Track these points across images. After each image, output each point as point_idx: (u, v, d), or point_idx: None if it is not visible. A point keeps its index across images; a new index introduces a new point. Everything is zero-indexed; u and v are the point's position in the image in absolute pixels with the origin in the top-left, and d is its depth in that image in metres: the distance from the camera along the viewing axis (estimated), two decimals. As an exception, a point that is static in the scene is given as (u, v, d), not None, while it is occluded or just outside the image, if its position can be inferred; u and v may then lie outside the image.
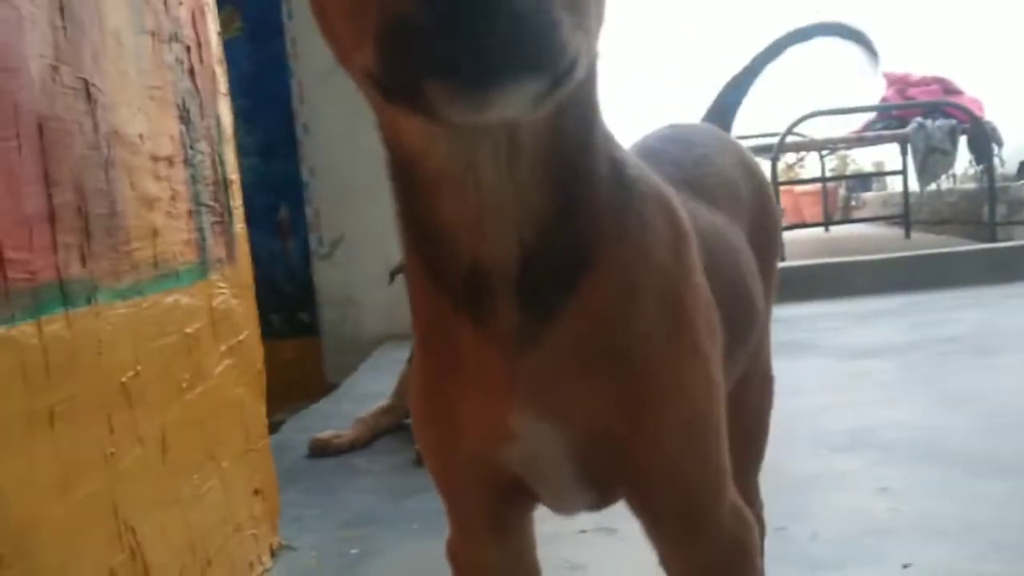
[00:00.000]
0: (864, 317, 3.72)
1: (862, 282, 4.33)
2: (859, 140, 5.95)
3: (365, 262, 3.95)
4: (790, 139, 5.76)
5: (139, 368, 1.18)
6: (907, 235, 6.75)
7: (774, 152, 5.43)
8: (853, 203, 8.56)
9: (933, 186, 5.59)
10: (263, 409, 1.74)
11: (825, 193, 7.76)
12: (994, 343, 3.08)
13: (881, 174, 7.75)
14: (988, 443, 2.03)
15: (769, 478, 1.94)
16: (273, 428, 3.60)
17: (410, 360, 2.53)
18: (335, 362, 4.03)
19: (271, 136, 4.22)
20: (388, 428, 2.47)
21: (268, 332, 4.32)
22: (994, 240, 5.41)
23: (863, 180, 8.41)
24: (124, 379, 1.14)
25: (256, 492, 1.68)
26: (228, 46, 4.22)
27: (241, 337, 1.62)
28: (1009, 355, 2.88)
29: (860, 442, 2.10)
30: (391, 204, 2.51)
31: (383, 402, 2.52)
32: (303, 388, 4.17)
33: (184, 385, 1.34)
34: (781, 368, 2.84)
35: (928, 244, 6.39)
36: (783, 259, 5.33)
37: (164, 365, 1.27)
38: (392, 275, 2.53)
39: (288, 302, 4.36)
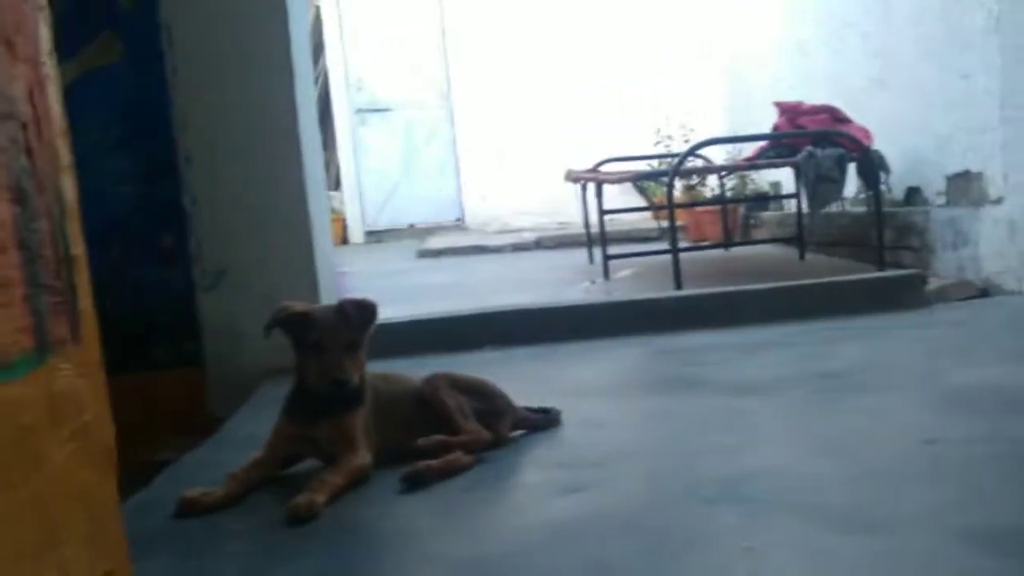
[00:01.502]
0: (752, 349, 3.76)
1: (753, 311, 4.38)
2: (751, 166, 6.05)
3: (249, 294, 3.86)
4: (693, 163, 5.84)
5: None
6: (801, 256, 6.91)
7: (670, 176, 5.49)
8: (752, 222, 8.72)
9: (823, 211, 5.71)
10: (113, 488, 1.65)
11: (725, 213, 7.88)
12: (872, 380, 3.14)
13: (777, 197, 7.90)
14: (856, 496, 2.06)
15: (637, 535, 1.95)
16: (155, 468, 3.50)
17: (283, 412, 2.47)
18: (220, 394, 3.92)
19: (152, 162, 4.09)
20: (260, 482, 2.39)
21: (151, 364, 4.22)
22: (882, 263, 5.55)
23: (758, 201, 8.56)
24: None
25: (106, 575, 1.60)
26: (108, 70, 4.15)
27: (86, 418, 1.54)
28: (885, 394, 2.94)
29: (730, 494, 2.11)
30: (272, 240, 2.49)
31: (255, 454, 2.44)
32: (189, 420, 4.06)
33: (17, 481, 1.26)
34: (664, 407, 2.86)
35: (820, 265, 6.54)
36: (679, 288, 5.39)
37: (-13, 463, 1.19)
38: (267, 329, 2.46)
39: (172, 332, 4.23)
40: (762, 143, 6.16)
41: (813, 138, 5.73)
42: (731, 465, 2.30)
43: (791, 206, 8.25)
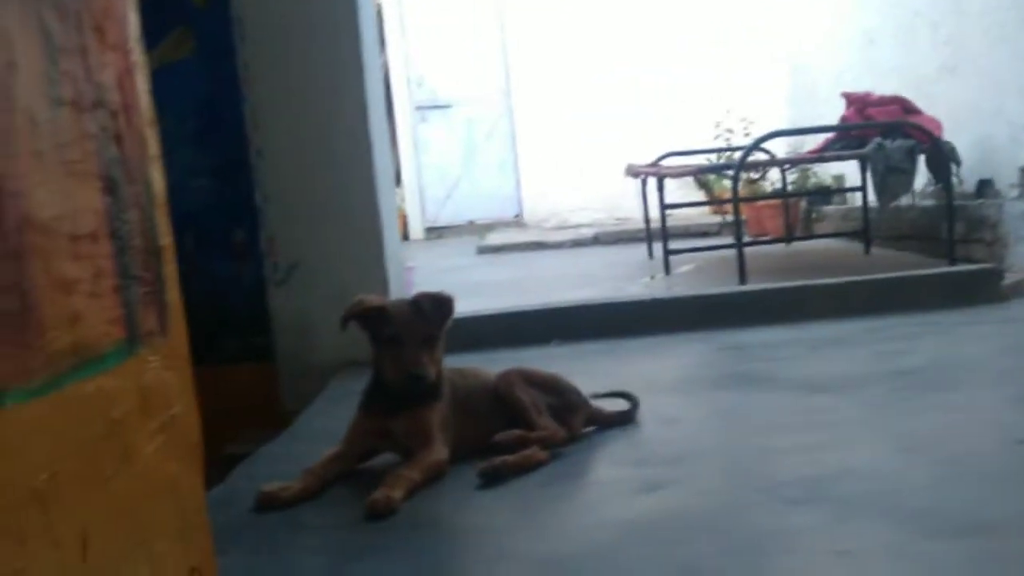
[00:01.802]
0: (822, 345, 3.70)
1: (821, 306, 4.31)
2: (818, 159, 5.95)
3: (320, 289, 3.89)
4: (756, 157, 5.76)
5: (55, 468, 1.11)
6: (867, 251, 6.79)
7: (735, 170, 5.43)
8: (814, 216, 8.59)
9: (892, 204, 5.60)
10: (200, 482, 1.67)
11: (787, 207, 7.77)
12: (952, 377, 3.07)
13: (841, 190, 7.77)
14: (951, 498, 2.01)
15: (720, 536, 1.92)
16: (225, 463, 3.54)
17: (360, 407, 2.48)
18: (291, 388, 3.96)
19: (224, 158, 4.14)
20: (338, 476, 2.40)
21: (222, 357, 4.27)
22: (952, 257, 5.44)
23: (824, 194, 8.43)
24: (36, 483, 1.08)
25: (193, 571, 1.61)
26: (180, 66, 4.20)
27: (174, 411, 1.56)
28: (967, 390, 2.88)
29: (816, 495, 2.07)
30: (342, 235, 2.45)
31: (333, 449, 2.45)
32: (259, 414, 4.10)
33: (109, 474, 1.28)
34: (736, 403, 2.82)
35: (887, 260, 6.42)
36: (744, 282, 5.32)
37: (86, 458, 1.21)
38: (343, 322, 2.47)
39: (243, 326, 4.27)
40: (828, 135, 6.06)
41: (882, 129, 5.63)
42: (813, 465, 2.26)
43: (855, 200, 8.13)
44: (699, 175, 6.78)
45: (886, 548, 1.79)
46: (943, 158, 5.44)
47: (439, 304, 2.48)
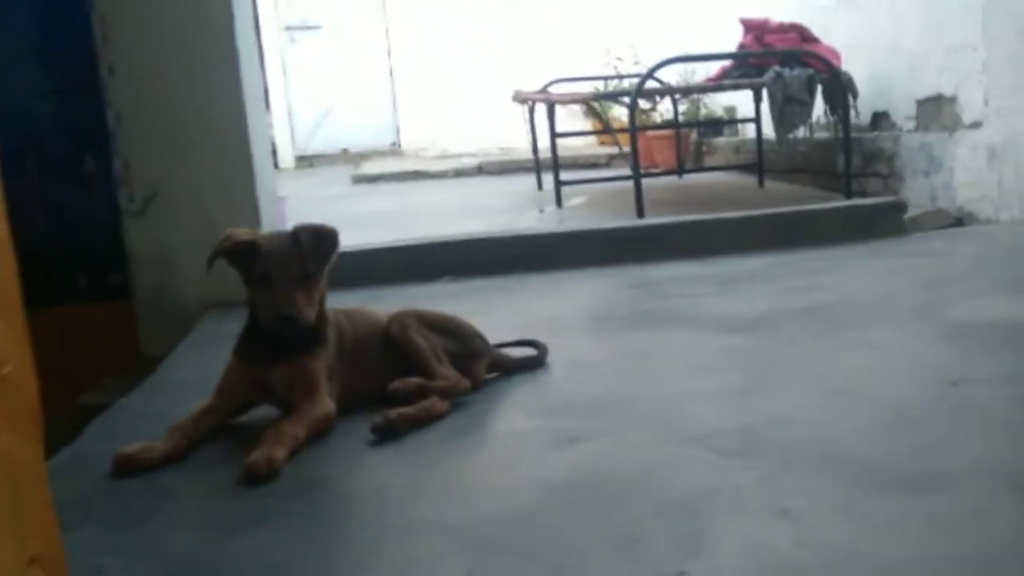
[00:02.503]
0: (730, 281, 3.53)
1: (724, 240, 4.14)
2: (717, 87, 5.77)
3: (182, 221, 3.50)
4: (647, 85, 5.53)
5: None
6: (760, 183, 6.69)
7: (632, 97, 5.19)
8: (704, 148, 8.47)
9: (791, 136, 5.47)
10: (39, 454, 1.33)
11: (679, 138, 7.62)
12: (867, 314, 2.92)
13: (735, 121, 7.65)
14: (891, 448, 1.83)
15: (652, 495, 1.69)
16: (79, 416, 3.16)
17: (234, 353, 2.15)
18: (152, 332, 3.58)
19: (70, 75, 3.67)
20: (208, 433, 2.08)
21: (75, 296, 3.84)
22: (849, 191, 5.35)
23: (714, 125, 8.31)
24: None
25: (32, 561, 1.29)
26: (22, -28, 3.68)
27: (5, 371, 1.21)
28: (884, 328, 2.72)
29: (750, 446, 1.86)
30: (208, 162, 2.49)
31: (203, 402, 2.12)
32: (115, 359, 3.70)
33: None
34: (651, 344, 2.59)
35: (782, 193, 6.33)
36: (642, 216, 5.13)
37: None
38: (210, 260, 2.14)
39: (96, 262, 3.85)
40: (725, 63, 5.88)
41: (781, 58, 5.46)
42: (742, 411, 2.06)
43: (747, 131, 8.03)
44: (591, 102, 6.51)
45: (832, 506, 1.59)
46: (841, 89, 5.31)
47: (320, 238, 2.16)
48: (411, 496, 1.76)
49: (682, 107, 7.94)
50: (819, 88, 5.47)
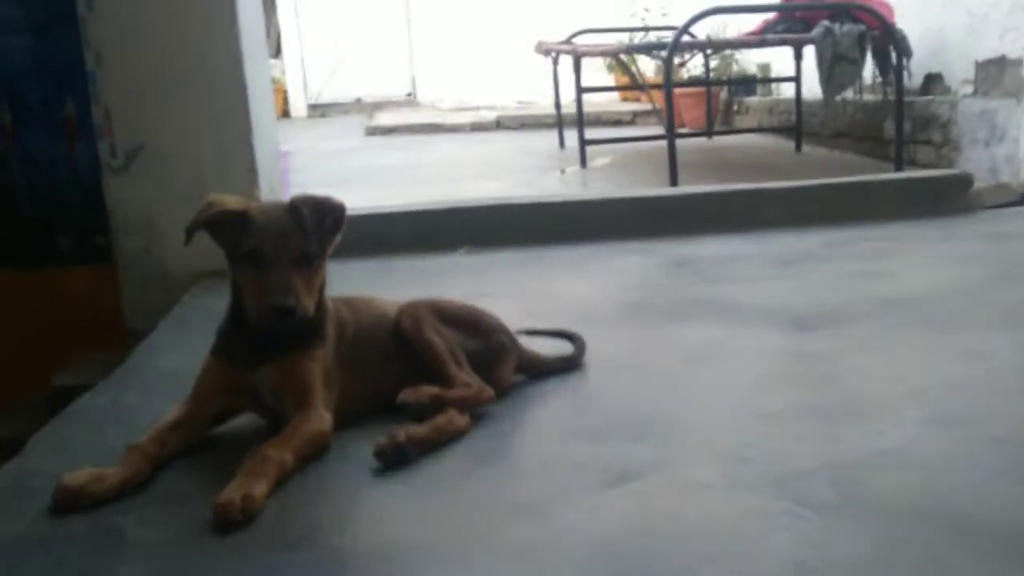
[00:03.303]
0: (783, 262, 3.13)
1: (774, 213, 3.73)
2: (760, 42, 5.32)
3: (170, 178, 3.11)
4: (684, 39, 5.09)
5: None
6: (798, 148, 6.28)
7: (669, 50, 4.75)
8: (735, 108, 8.02)
9: (838, 97, 5.03)
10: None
11: (709, 97, 7.17)
12: (952, 310, 2.51)
13: (772, 80, 7.19)
14: (1017, 502, 1.44)
15: (737, 565, 1.32)
16: (55, 398, 2.78)
17: (213, 351, 1.77)
18: (136, 303, 3.20)
19: (46, 11, 3.27)
20: (178, 451, 1.71)
21: (56, 258, 3.46)
22: (900, 160, 4.93)
23: (749, 83, 7.85)
24: None
25: None
26: None
27: None
28: (981, 331, 2.32)
29: (851, 497, 1.47)
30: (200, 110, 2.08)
31: (173, 411, 1.75)
32: (100, 330, 3.34)
33: None
34: (704, 343, 2.19)
35: (823, 160, 5.91)
36: (675, 182, 4.72)
37: None
38: (188, 232, 1.76)
39: (79, 221, 3.47)
40: (767, 17, 5.42)
41: (830, 12, 5.01)
42: (829, 444, 1.67)
43: (780, 91, 7.59)
44: (621, 55, 6.07)
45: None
46: (897, 47, 4.86)
47: (324, 212, 1.77)
48: (420, 558, 1.38)
49: (712, 63, 7.48)
50: (869, 46, 5.02)
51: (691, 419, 1.80)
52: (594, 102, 8.39)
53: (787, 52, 6.25)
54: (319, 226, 1.75)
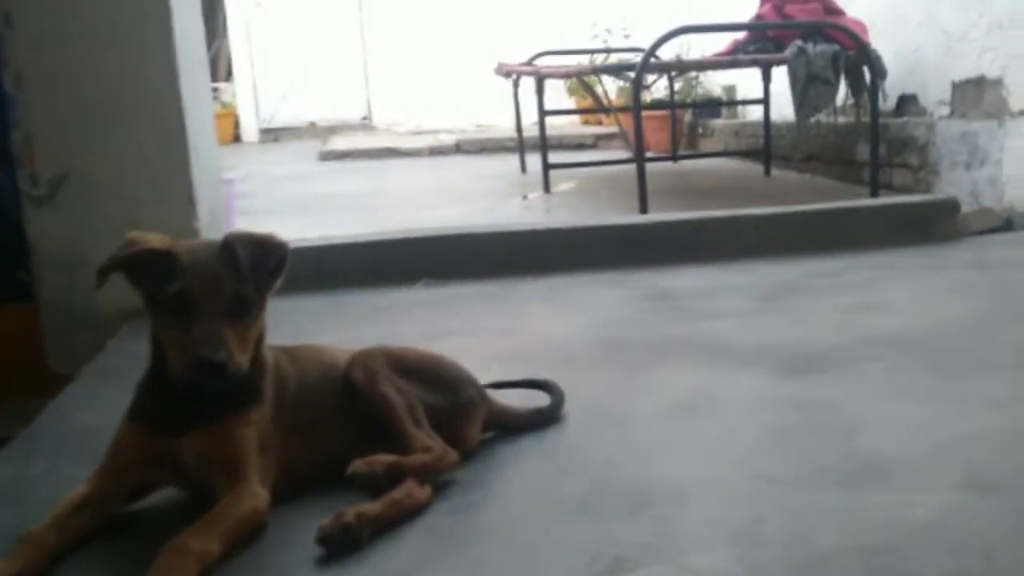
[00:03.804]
0: (768, 296, 2.91)
1: (752, 241, 3.53)
2: (731, 63, 5.14)
3: (99, 209, 2.84)
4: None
5: None
6: (767, 172, 6.11)
7: (638, 71, 4.54)
8: (700, 131, 7.85)
9: (812, 119, 4.85)
10: None
11: (674, 119, 6.99)
12: (958, 350, 2.29)
13: (741, 102, 7.03)
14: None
15: None
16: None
17: (129, 414, 1.51)
18: (60, 345, 2.91)
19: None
20: (82, 536, 1.43)
21: (-28, 296, 3.12)
22: (875, 184, 4.75)
23: (716, 106, 7.69)
24: None
25: None
26: None
27: None
28: (993, 377, 2.09)
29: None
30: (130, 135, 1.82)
31: (81, 487, 1.47)
32: (26, 377, 3.03)
33: None
34: (694, 390, 1.94)
35: (795, 184, 5.73)
36: (645, 208, 4.50)
37: None
38: (102, 274, 1.49)
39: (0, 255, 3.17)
40: (738, 36, 5.24)
41: (803, 31, 4.84)
42: (854, 517, 1.43)
43: (747, 113, 7.45)
44: (583, 78, 5.86)
45: None
46: (872, 67, 4.70)
47: (263, 252, 1.51)
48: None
49: (676, 85, 7.31)
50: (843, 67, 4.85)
51: (691, 486, 1.55)
52: (555, 125, 8.19)
53: (754, 73, 6.09)
54: (258, 268, 1.49)
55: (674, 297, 2.96)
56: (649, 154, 6.83)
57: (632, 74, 4.53)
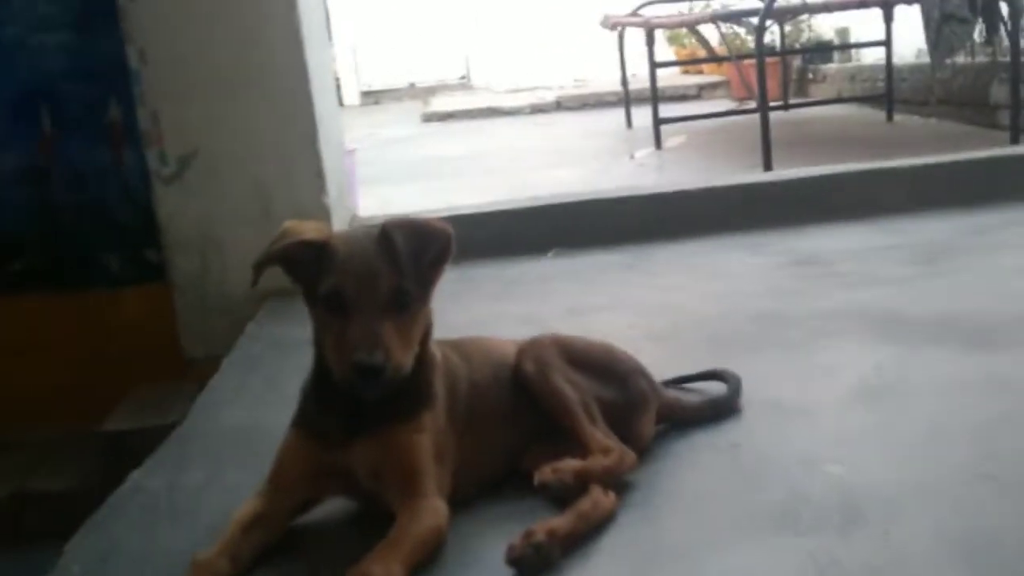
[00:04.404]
0: (926, 258, 2.72)
1: (894, 198, 3.31)
2: (860, 4, 4.86)
3: (228, 186, 2.80)
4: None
5: None
6: (889, 117, 5.82)
7: (761, 18, 4.31)
8: (811, 77, 7.53)
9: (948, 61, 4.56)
10: None
11: (785, 66, 6.71)
12: None
13: (862, 45, 6.70)
14: None
15: None
16: (108, 447, 2.47)
17: (294, 423, 1.43)
18: (194, 328, 2.88)
19: (86, 4, 2.95)
20: (254, 560, 1.35)
21: (105, 279, 3.15)
22: (1016, 130, 4.46)
23: (824, 51, 7.37)
24: None
25: None
26: None
27: None
28: None
29: None
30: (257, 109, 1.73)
31: (247, 504, 1.39)
32: (157, 361, 3.02)
33: None
34: (871, 368, 1.76)
35: (918, 129, 5.45)
36: (769, 164, 4.31)
37: None
38: (257, 268, 1.41)
39: (129, 236, 3.16)
40: (862, -24, 4.95)
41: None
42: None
43: (860, 57, 7.13)
44: (695, 27, 5.63)
45: None
46: (1008, 2, 4.39)
47: (424, 240, 1.40)
48: None
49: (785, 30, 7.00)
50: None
51: (907, 492, 1.40)
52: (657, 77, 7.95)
53: (869, 15, 5.79)
54: (418, 258, 1.38)
55: (821, 262, 2.78)
56: (752, 104, 6.58)
57: (754, 20, 4.30)
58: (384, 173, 5.24)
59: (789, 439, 1.62)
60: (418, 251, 1.38)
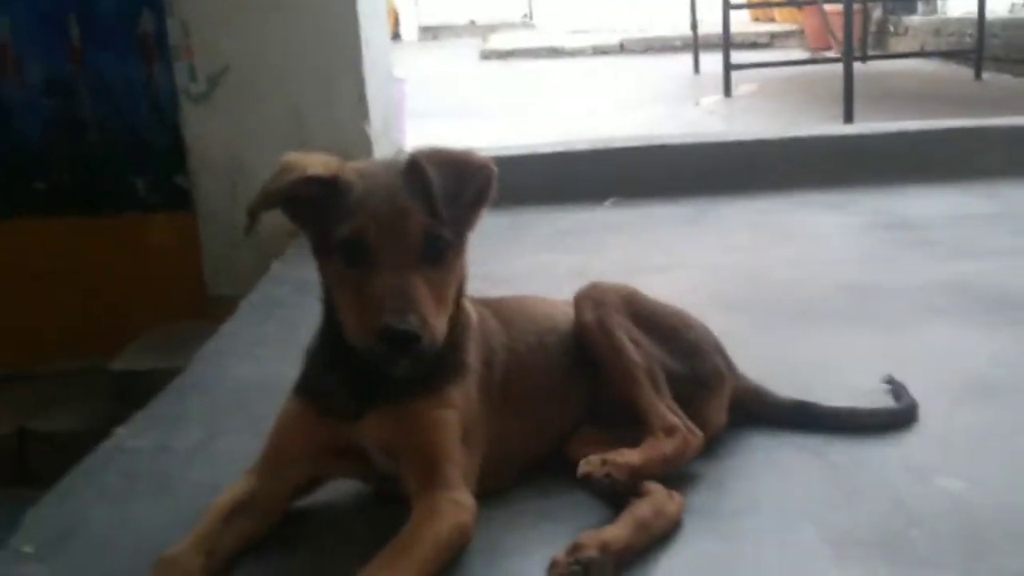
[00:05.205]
0: (1032, 226, 2.41)
1: (990, 158, 2.99)
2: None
3: (261, 108, 2.56)
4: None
5: None
6: (978, 75, 5.43)
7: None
8: (891, 29, 7.09)
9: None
10: None
11: (865, 15, 6.31)
12: None
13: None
14: None
15: None
16: (113, 391, 2.27)
17: (296, 390, 1.17)
18: (219, 262, 2.66)
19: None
20: (238, 550, 1.12)
21: (133, 203, 2.93)
22: None
23: (908, 1, 6.94)
24: None
25: None
26: None
27: None
28: None
29: None
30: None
31: (237, 484, 1.15)
32: (179, 294, 2.82)
33: None
34: (1006, 366, 1.43)
35: (1009, 88, 5.07)
36: (850, 117, 3.99)
37: None
38: (251, 212, 1.14)
39: (158, 159, 2.96)
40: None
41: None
42: None
43: (946, 9, 6.72)
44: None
45: None
46: None
47: (462, 175, 1.13)
48: None
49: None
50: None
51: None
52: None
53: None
54: (455, 198, 1.12)
55: (915, 227, 2.49)
56: (830, 54, 6.21)
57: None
58: (435, 107, 4.99)
59: (892, 441, 1.35)
60: (455, 188, 1.12)
